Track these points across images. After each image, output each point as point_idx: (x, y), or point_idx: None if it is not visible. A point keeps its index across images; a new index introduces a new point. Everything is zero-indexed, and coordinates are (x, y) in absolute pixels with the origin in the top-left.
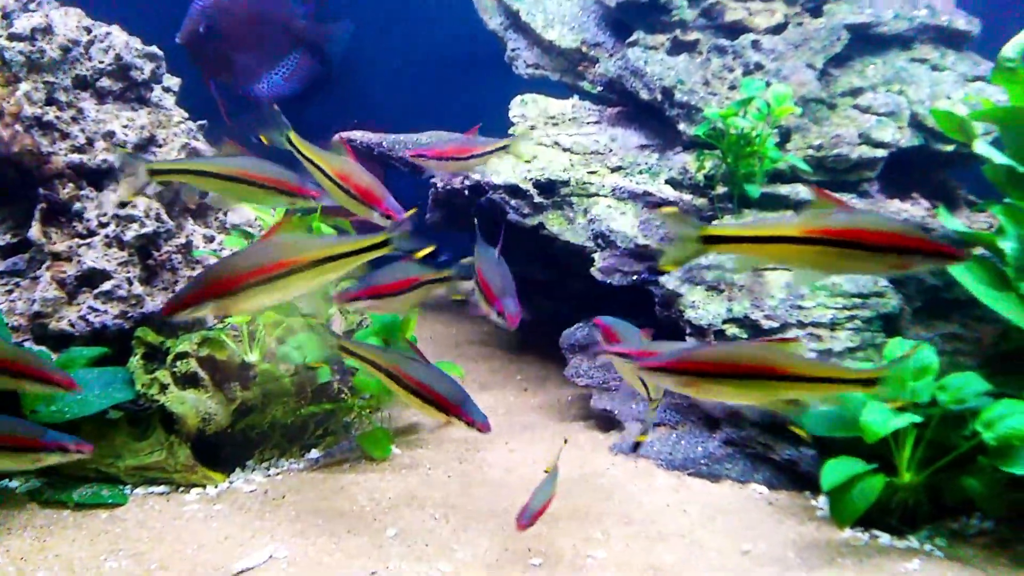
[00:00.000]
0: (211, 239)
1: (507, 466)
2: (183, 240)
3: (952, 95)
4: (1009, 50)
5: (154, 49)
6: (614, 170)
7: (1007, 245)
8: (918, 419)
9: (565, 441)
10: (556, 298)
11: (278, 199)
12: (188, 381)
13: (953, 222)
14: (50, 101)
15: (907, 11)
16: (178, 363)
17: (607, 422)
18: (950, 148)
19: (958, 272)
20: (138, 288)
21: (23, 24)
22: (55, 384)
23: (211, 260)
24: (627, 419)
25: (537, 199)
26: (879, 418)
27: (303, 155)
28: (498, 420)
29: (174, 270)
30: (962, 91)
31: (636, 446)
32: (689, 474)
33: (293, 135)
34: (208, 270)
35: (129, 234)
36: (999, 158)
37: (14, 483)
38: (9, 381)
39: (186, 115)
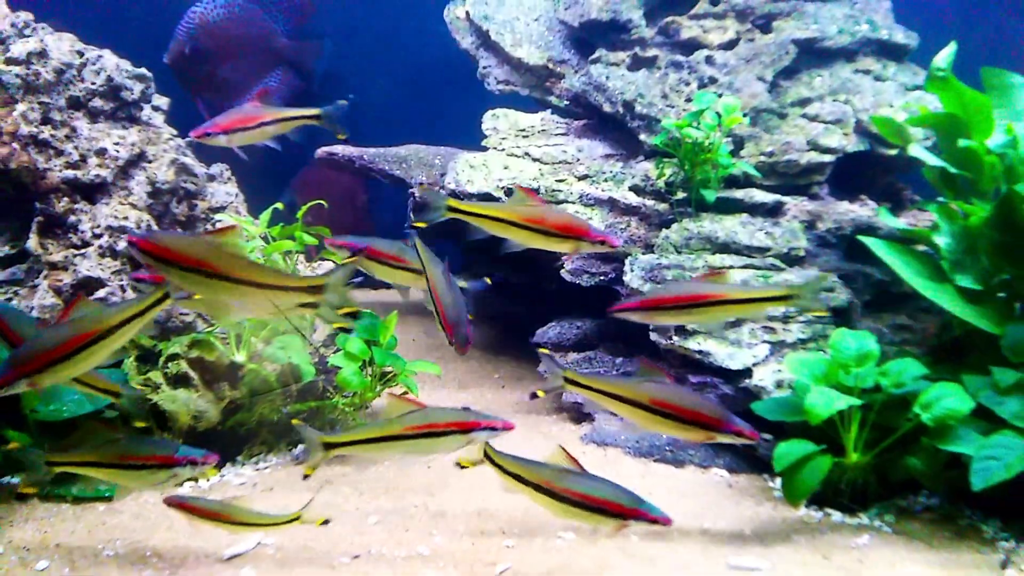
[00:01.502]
0: None
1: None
2: None
3: (894, 103)
4: (940, 60)
5: (143, 71)
6: (581, 178)
7: (942, 241)
8: (857, 401)
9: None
10: (531, 300)
11: None
12: (179, 381)
13: (894, 221)
14: (45, 120)
15: (850, 26)
16: (170, 364)
17: (579, 414)
18: (893, 152)
19: (899, 267)
20: (131, 295)
21: (19, 49)
22: None
23: None
24: (597, 411)
25: None
26: (822, 401)
27: (473, 213)
28: None
29: None
30: (903, 99)
31: (533, 395)
32: (655, 460)
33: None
34: (15, 354)
35: (121, 244)
36: (932, 160)
37: (15, 480)
38: None
39: (175, 132)
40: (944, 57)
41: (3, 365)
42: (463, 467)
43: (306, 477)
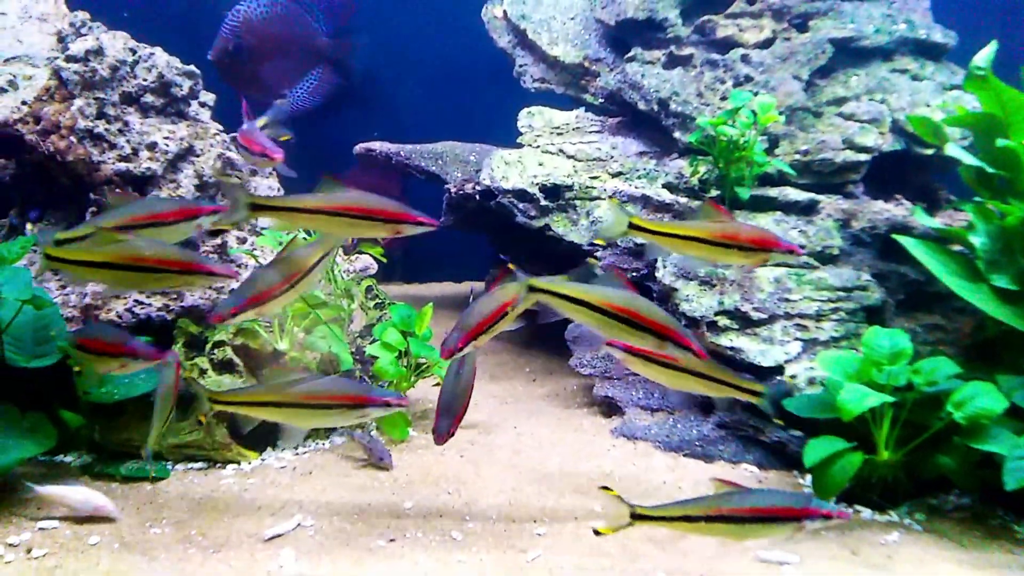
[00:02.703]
0: (244, 240)
1: (515, 448)
2: (219, 241)
3: (931, 103)
4: (980, 60)
5: (192, 68)
6: (615, 175)
7: (977, 240)
8: (890, 399)
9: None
10: None
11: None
12: (224, 367)
13: (929, 221)
14: (100, 115)
15: (887, 25)
16: (215, 351)
17: (609, 408)
18: (930, 152)
19: (934, 266)
20: None
21: (78, 47)
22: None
23: (244, 258)
24: (627, 405)
25: (543, 202)
26: (854, 397)
27: (658, 232)
28: (506, 408)
29: None
30: (940, 99)
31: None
32: (684, 455)
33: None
34: (243, 287)
35: None
36: (969, 159)
37: (68, 458)
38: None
39: (221, 128)
40: (984, 56)
41: (233, 297)
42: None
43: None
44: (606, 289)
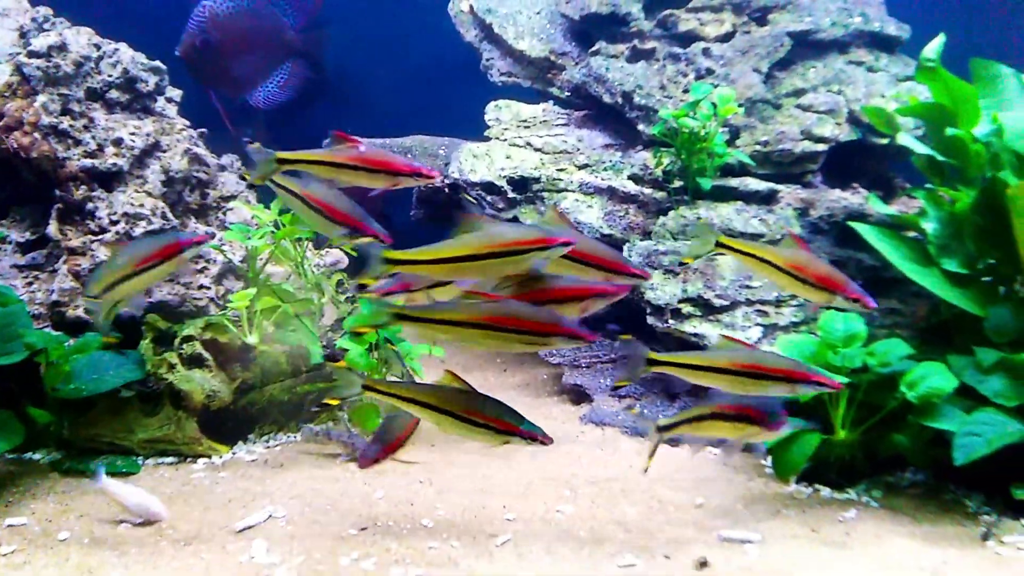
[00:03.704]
0: (212, 236)
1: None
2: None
3: (886, 94)
4: (929, 52)
5: (158, 63)
6: (581, 167)
7: (929, 226)
8: (844, 380)
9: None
10: None
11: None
12: (194, 362)
13: (884, 208)
14: (65, 111)
15: (843, 19)
16: (184, 346)
17: (578, 396)
18: (885, 141)
19: (888, 252)
20: None
21: (40, 43)
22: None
23: (213, 253)
24: (596, 392)
25: (511, 195)
26: None
27: (744, 252)
28: None
29: None
30: (895, 90)
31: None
32: None
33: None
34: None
35: (137, 230)
36: (920, 148)
37: (37, 455)
38: None
39: (188, 123)
40: (933, 48)
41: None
42: None
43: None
44: (721, 352)
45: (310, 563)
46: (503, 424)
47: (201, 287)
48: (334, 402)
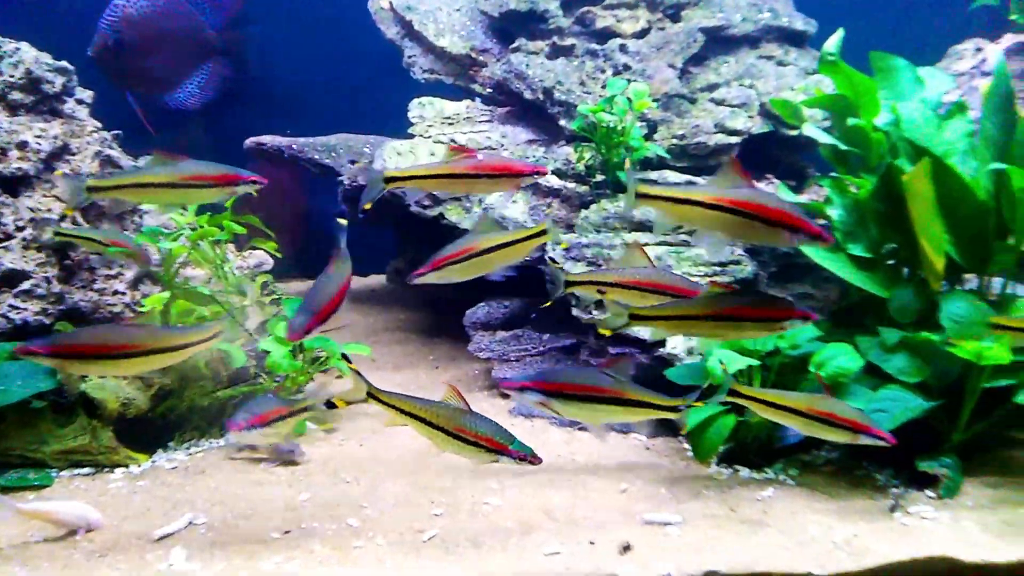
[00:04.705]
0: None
1: (415, 434)
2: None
3: (795, 86)
4: (830, 46)
5: (64, 64)
6: None
7: (834, 213)
8: (754, 362)
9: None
10: (464, 284)
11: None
12: None
13: (792, 197)
14: None
15: (753, 14)
16: None
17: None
18: (795, 133)
19: None
20: (57, 287)
21: None
22: None
23: (124, 259)
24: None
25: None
26: (720, 363)
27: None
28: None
29: (92, 269)
30: (803, 82)
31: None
32: (579, 429)
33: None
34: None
35: (46, 236)
36: (824, 138)
37: None
38: None
39: (99, 125)
40: (833, 43)
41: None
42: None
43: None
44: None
45: (231, 569)
46: (493, 443)
47: (116, 292)
48: (341, 404)
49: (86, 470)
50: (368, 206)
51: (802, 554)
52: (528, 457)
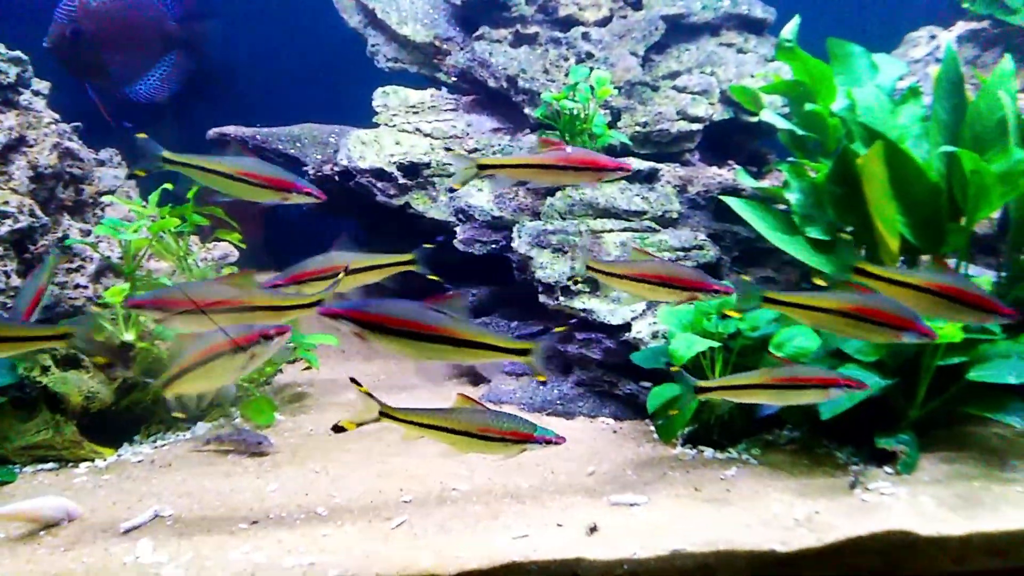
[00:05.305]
0: (87, 233)
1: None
2: (59, 234)
3: (754, 73)
4: (786, 32)
5: (18, 54)
6: (471, 152)
7: (792, 197)
8: (715, 344)
9: None
10: (434, 273)
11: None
12: (69, 363)
13: (753, 182)
14: None
15: (713, 2)
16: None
17: (477, 377)
18: (756, 119)
19: (756, 223)
20: (16, 280)
21: None
22: None
23: (87, 251)
24: (493, 373)
25: (402, 181)
26: (684, 345)
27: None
28: (379, 386)
29: None
30: (763, 69)
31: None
32: (548, 414)
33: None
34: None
35: (3, 229)
36: (781, 124)
37: None
38: None
39: (57, 117)
40: (790, 29)
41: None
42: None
43: None
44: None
45: (199, 560)
46: (519, 435)
47: (77, 286)
48: (351, 426)
49: (50, 465)
50: (458, 186)
51: (765, 532)
52: (553, 439)
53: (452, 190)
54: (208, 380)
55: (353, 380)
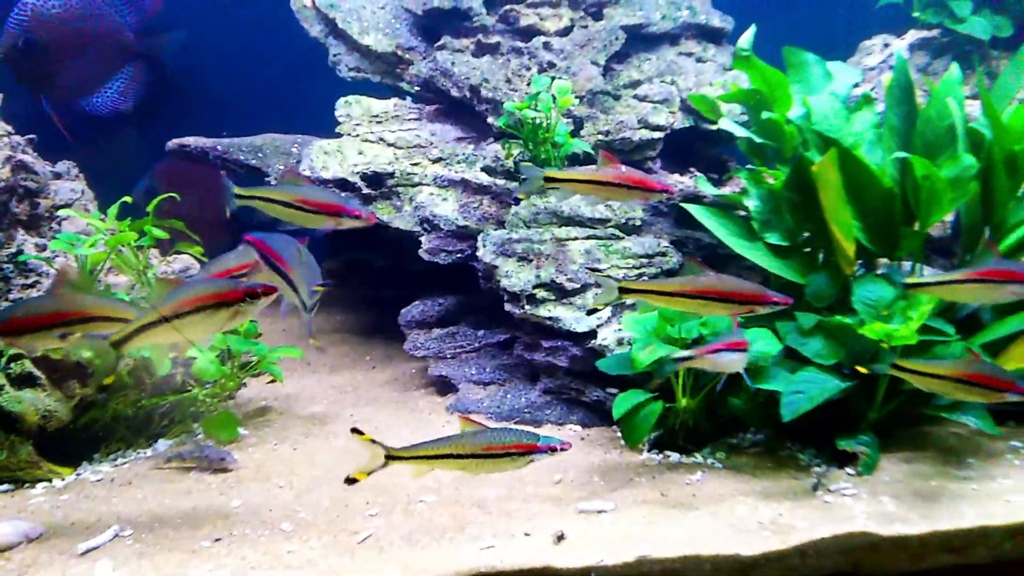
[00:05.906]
0: (43, 248)
1: (348, 436)
2: (13, 249)
3: (713, 82)
4: (743, 42)
5: None
6: (435, 161)
7: (751, 203)
8: (676, 350)
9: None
10: (399, 283)
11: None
12: (24, 381)
13: (713, 189)
14: None
15: (672, 12)
16: (12, 365)
17: (444, 386)
18: (715, 127)
19: (716, 229)
20: None
21: None
22: None
23: (43, 266)
24: (461, 381)
25: (366, 191)
26: (645, 352)
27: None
28: (346, 397)
29: (6, 279)
30: (722, 78)
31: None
32: (516, 423)
33: None
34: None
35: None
36: (739, 132)
37: None
38: None
39: (11, 129)
40: (746, 39)
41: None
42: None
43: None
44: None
45: None
46: (522, 447)
47: None
48: (362, 477)
49: (5, 487)
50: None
51: (730, 535)
52: (558, 447)
53: (517, 200)
54: (184, 333)
55: (355, 430)
